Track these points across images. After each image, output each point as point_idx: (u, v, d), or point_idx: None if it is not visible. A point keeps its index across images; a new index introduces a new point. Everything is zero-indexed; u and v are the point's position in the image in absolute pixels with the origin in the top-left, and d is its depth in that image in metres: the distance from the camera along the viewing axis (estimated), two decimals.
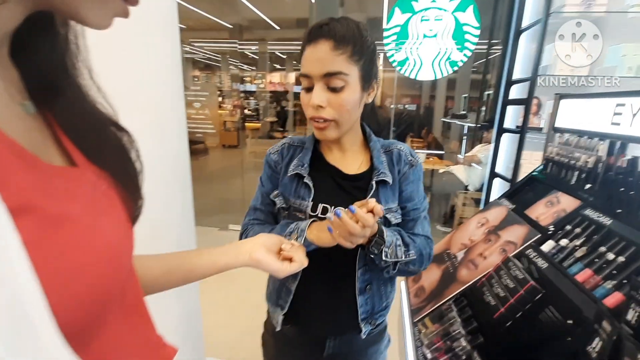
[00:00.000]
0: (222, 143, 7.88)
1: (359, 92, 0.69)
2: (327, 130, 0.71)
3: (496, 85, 3.72)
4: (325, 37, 0.64)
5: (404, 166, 0.80)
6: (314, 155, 0.79)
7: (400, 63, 2.72)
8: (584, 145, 0.88)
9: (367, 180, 0.77)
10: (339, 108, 0.68)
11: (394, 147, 0.82)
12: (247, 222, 0.82)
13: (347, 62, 0.66)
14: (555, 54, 2.11)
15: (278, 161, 0.81)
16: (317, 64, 0.65)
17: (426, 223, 0.83)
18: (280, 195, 0.79)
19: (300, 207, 0.76)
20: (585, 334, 0.54)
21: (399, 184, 0.79)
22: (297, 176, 0.77)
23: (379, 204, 0.76)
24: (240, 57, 9.13)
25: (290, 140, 0.84)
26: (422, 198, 0.82)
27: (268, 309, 0.89)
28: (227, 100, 8.68)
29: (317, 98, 0.66)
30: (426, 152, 4.00)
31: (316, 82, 0.66)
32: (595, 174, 0.80)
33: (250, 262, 0.54)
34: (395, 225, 0.80)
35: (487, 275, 0.82)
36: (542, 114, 2.28)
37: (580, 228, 0.72)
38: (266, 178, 0.83)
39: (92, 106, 0.36)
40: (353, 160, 0.80)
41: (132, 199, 0.38)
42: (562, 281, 0.66)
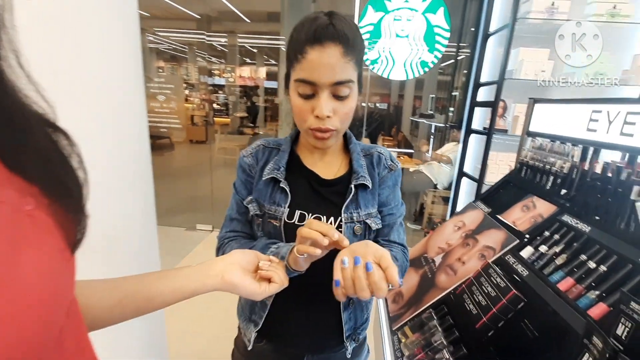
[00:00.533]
0: (189, 138, 7.57)
1: (357, 97, 0.66)
2: (329, 140, 0.66)
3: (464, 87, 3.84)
4: (334, 41, 0.58)
5: (383, 170, 0.77)
6: (290, 159, 0.74)
7: (373, 62, 2.71)
8: (557, 150, 0.89)
9: (346, 184, 0.74)
10: (344, 117, 0.64)
11: (374, 151, 0.79)
12: (224, 234, 0.76)
13: (353, 68, 0.62)
14: (521, 58, 2.19)
15: (252, 165, 0.75)
16: (327, 72, 0.58)
17: (402, 230, 0.81)
18: (254, 201, 0.73)
19: (276, 214, 0.70)
20: (574, 348, 0.53)
21: (378, 188, 0.76)
22: (273, 180, 0.71)
23: (359, 209, 0.73)
24: (209, 49, 8.79)
25: (265, 142, 0.78)
26: (398, 203, 0.79)
27: (239, 325, 0.82)
28: (195, 94, 8.34)
29: (326, 109, 0.60)
30: (397, 151, 4.05)
31: (322, 91, 0.60)
32: (570, 179, 0.81)
33: (223, 285, 0.48)
34: (375, 231, 0.77)
35: (467, 282, 0.81)
36: (508, 116, 2.36)
37: (558, 235, 0.72)
38: (240, 184, 0.76)
39: (17, 100, 0.28)
40: (331, 163, 0.76)
41: (72, 219, 0.30)
42: (544, 290, 0.65)
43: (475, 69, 2.40)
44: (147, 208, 1.27)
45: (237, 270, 0.49)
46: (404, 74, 2.69)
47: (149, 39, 8.23)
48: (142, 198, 1.21)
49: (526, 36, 2.26)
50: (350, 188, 0.72)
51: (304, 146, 0.76)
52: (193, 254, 2.87)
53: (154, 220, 1.35)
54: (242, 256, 0.52)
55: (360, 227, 0.75)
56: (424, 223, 3.63)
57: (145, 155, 1.23)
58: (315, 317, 0.72)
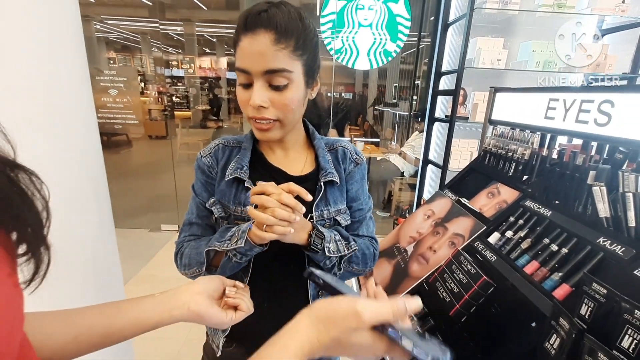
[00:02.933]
0: (147, 134, 7.15)
1: (303, 88, 0.63)
2: (270, 132, 0.63)
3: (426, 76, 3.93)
4: (265, 28, 0.55)
5: (349, 164, 0.77)
6: (253, 156, 0.71)
7: (337, 51, 2.69)
8: (518, 137, 0.93)
9: (314, 181, 0.72)
10: (283, 108, 0.61)
11: (338, 145, 0.78)
12: (182, 239, 0.72)
13: (290, 57, 0.58)
14: (479, 47, 2.26)
15: (212, 165, 0.71)
16: (257, 59, 0.56)
17: (371, 223, 0.81)
18: (217, 203, 0.70)
19: (243, 215, 0.68)
20: (542, 329, 0.55)
21: (345, 183, 0.75)
22: (237, 180, 0.68)
23: (328, 206, 0.72)
24: (164, 39, 8.30)
25: (223, 141, 0.74)
26: (366, 198, 0.79)
27: (206, 331, 0.79)
28: (152, 87, 7.87)
29: (259, 98, 0.58)
30: (364, 140, 4.09)
31: (256, 79, 0.58)
32: (531, 165, 0.84)
33: (189, 316, 0.44)
34: (345, 227, 0.77)
35: (439, 270, 0.82)
36: (468, 104, 2.45)
37: (522, 220, 0.75)
38: (200, 186, 0.72)
39: None
40: (296, 160, 0.74)
41: (27, 249, 0.26)
42: (512, 274, 0.67)
43: (436, 58, 2.46)
44: (102, 210, 1.18)
45: (204, 300, 0.45)
46: (368, 64, 2.69)
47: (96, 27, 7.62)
48: (94, 200, 1.12)
49: (483, 26, 2.34)
50: (319, 185, 0.70)
51: (265, 143, 0.74)
52: (159, 255, 2.74)
53: (111, 223, 1.26)
54: (207, 283, 0.49)
55: (329, 225, 0.74)
56: (392, 210, 3.72)
57: (95, 154, 1.14)
58: (285, 311, 0.71)
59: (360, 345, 0.35)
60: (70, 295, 1.00)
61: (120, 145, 6.37)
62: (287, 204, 0.54)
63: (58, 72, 0.93)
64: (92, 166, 1.09)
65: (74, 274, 1.02)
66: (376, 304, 0.35)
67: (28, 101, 0.83)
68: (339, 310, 0.35)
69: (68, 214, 0.98)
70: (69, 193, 0.98)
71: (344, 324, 0.34)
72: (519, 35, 2.44)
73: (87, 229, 1.08)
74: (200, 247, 0.66)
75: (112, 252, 1.27)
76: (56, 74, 0.92)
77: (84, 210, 1.06)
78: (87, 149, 1.06)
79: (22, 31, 0.80)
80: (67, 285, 0.98)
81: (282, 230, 0.55)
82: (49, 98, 0.89)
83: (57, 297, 0.94)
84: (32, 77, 0.84)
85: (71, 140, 0.98)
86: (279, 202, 0.54)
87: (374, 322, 0.34)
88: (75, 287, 1.03)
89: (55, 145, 0.92)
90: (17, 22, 0.79)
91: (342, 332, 0.34)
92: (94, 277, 1.12)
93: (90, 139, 1.09)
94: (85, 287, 1.08)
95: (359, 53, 2.67)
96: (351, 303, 0.35)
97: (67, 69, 0.97)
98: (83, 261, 1.06)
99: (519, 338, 0.60)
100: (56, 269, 0.86)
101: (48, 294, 0.91)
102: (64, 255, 0.97)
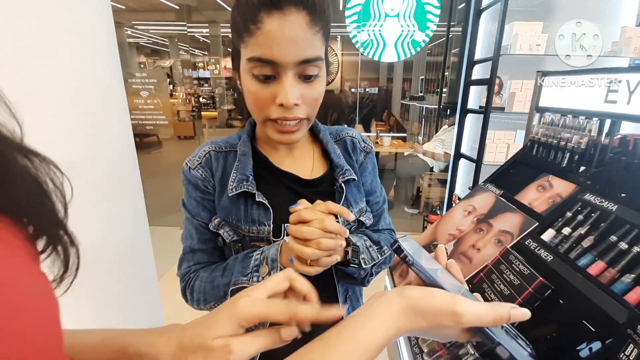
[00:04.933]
0: (176, 134, 7.40)
1: (325, 79, 0.55)
2: (296, 134, 0.54)
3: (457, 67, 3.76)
4: (297, 5, 0.46)
5: (360, 155, 0.69)
6: (254, 161, 0.61)
7: (363, 44, 2.62)
8: (571, 125, 0.84)
9: (330, 181, 0.64)
10: (314, 103, 0.53)
11: (344, 134, 0.69)
12: (186, 270, 0.62)
13: (322, 42, 0.50)
14: (515, 33, 2.13)
15: (206, 178, 0.61)
16: (289, 47, 0.46)
17: (386, 214, 0.74)
18: (224, 224, 0.60)
19: (260, 235, 0.59)
20: (614, 338, 0.49)
21: (360, 177, 0.68)
22: (244, 195, 0.58)
23: (351, 208, 0.64)
24: (191, 41, 8.53)
25: (214, 146, 0.63)
26: (380, 189, 0.73)
27: None
28: (180, 88, 8.12)
29: (292, 95, 0.48)
30: (391, 135, 4.00)
31: (285, 71, 0.48)
32: (589, 155, 0.76)
33: None
34: (367, 227, 0.70)
35: (485, 270, 0.77)
36: (504, 93, 2.31)
37: (582, 215, 0.68)
38: (196, 205, 0.62)
39: None
40: (303, 158, 0.65)
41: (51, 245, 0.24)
42: (573, 276, 0.61)
43: (468, 46, 2.34)
44: (137, 209, 1.20)
45: None
46: (395, 55, 2.61)
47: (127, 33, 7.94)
48: (131, 199, 1.14)
49: (519, 10, 2.21)
50: (337, 186, 0.63)
51: (265, 142, 0.64)
52: None
53: (145, 221, 1.28)
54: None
55: (354, 227, 0.67)
56: (422, 207, 3.61)
57: (130, 155, 1.16)
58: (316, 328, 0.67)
59: (444, 335, 0.34)
60: (108, 290, 1.02)
61: (151, 146, 6.63)
62: (332, 231, 0.47)
63: (95, 77, 0.95)
64: (127, 166, 1.12)
65: (111, 270, 1.05)
66: (479, 308, 0.33)
67: (69, 108, 0.85)
68: (435, 305, 0.32)
69: (106, 212, 1.01)
70: (107, 193, 1.01)
71: (439, 320, 0.32)
72: (560, 18, 2.27)
73: (124, 226, 1.11)
74: (216, 279, 0.57)
75: (146, 248, 1.30)
76: (93, 79, 0.94)
77: (120, 209, 1.08)
78: (122, 149, 1.09)
79: (61, 39, 0.82)
80: (105, 280, 1.01)
81: (329, 261, 0.49)
82: (87, 102, 0.91)
83: (95, 291, 0.96)
84: (70, 82, 0.86)
85: (108, 142, 1.00)
86: (323, 230, 0.46)
87: (471, 325, 0.32)
88: (113, 282, 1.05)
89: (93, 147, 0.94)
90: (57, 31, 0.81)
91: (434, 326, 0.32)
92: (130, 273, 1.15)
93: (125, 141, 1.11)
94: (122, 282, 1.10)
95: (386, 45, 2.60)
96: (451, 301, 0.33)
97: (104, 75, 0.99)
98: (120, 257, 1.09)
99: (582, 348, 0.54)
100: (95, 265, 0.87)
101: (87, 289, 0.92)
102: (102, 252, 0.99)
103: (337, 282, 0.66)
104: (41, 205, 0.22)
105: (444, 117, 3.51)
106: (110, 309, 1.03)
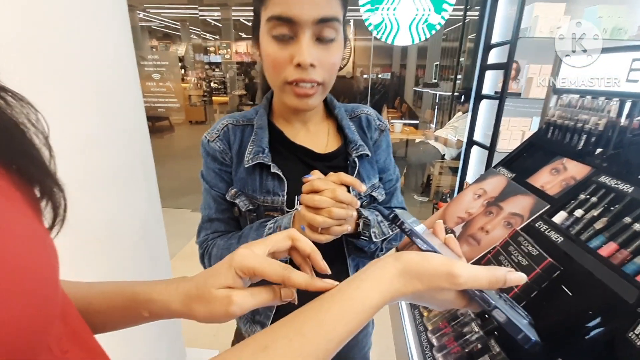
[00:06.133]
0: (188, 119, 7.46)
1: (342, 46, 0.56)
2: (312, 98, 0.55)
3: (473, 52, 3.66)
4: None
5: (374, 132, 0.70)
6: (270, 135, 0.63)
7: (376, 27, 2.56)
8: (589, 106, 0.81)
9: (344, 156, 0.66)
10: (331, 68, 0.54)
11: (360, 112, 0.70)
12: (204, 238, 0.65)
13: (339, 5, 0.51)
14: (535, 14, 2.04)
15: (224, 150, 0.63)
16: (308, 4, 0.47)
17: (399, 193, 0.76)
18: (240, 194, 0.62)
19: (274, 205, 0.61)
20: (623, 319, 0.48)
21: (374, 154, 0.69)
22: (260, 166, 0.61)
23: (363, 182, 0.65)
24: (202, 25, 8.48)
25: (232, 120, 0.65)
26: (394, 167, 0.74)
27: (237, 328, 0.78)
28: (191, 73, 8.13)
29: (309, 54, 0.49)
30: (402, 122, 3.94)
31: (303, 31, 0.49)
32: (606, 137, 0.74)
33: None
34: (379, 203, 0.72)
35: (493, 252, 0.76)
36: (521, 78, 2.24)
37: (596, 197, 0.66)
38: (213, 176, 0.64)
39: None
40: (318, 133, 0.67)
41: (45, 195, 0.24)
42: (583, 257, 0.60)
43: (485, 28, 2.26)
44: (150, 190, 1.23)
45: None
46: (410, 39, 2.55)
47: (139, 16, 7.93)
48: (144, 181, 1.17)
49: None
50: (351, 161, 0.64)
51: (281, 117, 0.65)
52: None
53: (158, 202, 1.31)
54: None
55: (367, 202, 0.69)
56: (432, 195, 3.58)
57: (143, 135, 1.18)
58: None
59: (440, 300, 0.34)
60: (123, 266, 1.05)
61: (164, 131, 6.71)
62: (343, 200, 0.48)
63: (108, 59, 0.95)
64: (140, 149, 1.14)
65: (127, 248, 1.08)
66: (475, 270, 0.33)
67: (80, 88, 0.86)
68: (431, 268, 0.32)
69: (121, 193, 1.03)
70: (122, 174, 1.03)
71: (435, 282, 0.32)
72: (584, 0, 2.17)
73: (138, 207, 1.13)
74: (232, 246, 0.60)
75: (159, 228, 1.33)
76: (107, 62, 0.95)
77: (134, 190, 1.10)
78: (135, 134, 1.10)
79: (77, 21, 0.83)
80: (121, 257, 1.04)
81: (340, 230, 0.50)
82: (101, 86, 0.92)
83: (112, 267, 0.99)
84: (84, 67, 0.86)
85: (121, 123, 1.02)
86: (334, 199, 0.48)
87: (468, 287, 0.32)
88: (128, 259, 1.08)
89: (107, 127, 0.96)
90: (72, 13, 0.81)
91: (430, 289, 0.32)
92: (144, 251, 1.18)
93: (138, 121, 1.13)
94: (137, 260, 1.14)
95: (400, 27, 2.53)
96: (447, 263, 0.32)
97: (117, 57, 0.99)
98: (134, 236, 1.12)
99: (589, 327, 0.53)
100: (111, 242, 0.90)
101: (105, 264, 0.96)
102: (118, 230, 1.02)
103: (348, 256, 0.67)
104: (30, 149, 0.21)
105: (458, 104, 3.44)
106: None
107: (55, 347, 0.23)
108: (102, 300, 0.34)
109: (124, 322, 0.35)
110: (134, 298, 0.34)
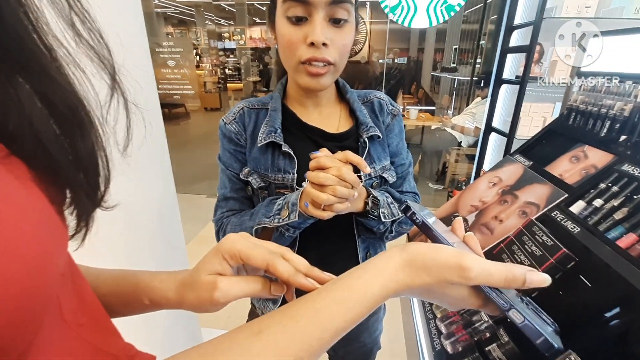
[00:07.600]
0: (203, 106, 7.52)
1: (354, 29, 0.58)
2: (324, 77, 0.57)
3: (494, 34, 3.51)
4: None
5: (387, 116, 0.71)
6: (284, 117, 0.66)
7: (392, 9, 2.48)
8: (615, 91, 0.77)
9: (355, 137, 0.68)
10: (343, 49, 0.56)
11: (372, 97, 0.72)
12: (220, 216, 0.69)
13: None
14: None
15: (239, 132, 0.67)
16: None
17: (411, 178, 0.77)
18: (253, 173, 0.66)
19: (285, 182, 0.64)
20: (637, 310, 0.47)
21: (385, 137, 0.71)
22: (272, 145, 0.64)
23: (374, 163, 0.67)
24: (216, 11, 8.44)
25: (247, 104, 0.69)
26: (406, 152, 0.75)
27: (252, 305, 0.80)
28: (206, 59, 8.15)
29: (322, 33, 0.52)
30: (418, 109, 3.85)
31: (317, 11, 0.51)
32: (632, 123, 0.70)
33: None
34: (390, 185, 0.73)
35: (506, 241, 0.74)
36: (544, 62, 2.14)
37: (617, 186, 0.64)
38: (229, 156, 0.68)
39: None
40: (331, 116, 0.69)
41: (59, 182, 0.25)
42: (600, 248, 0.58)
43: (508, 8, 2.15)
44: (165, 176, 1.25)
45: None
46: (427, 21, 2.46)
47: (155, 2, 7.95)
48: (159, 167, 1.19)
49: None
50: (361, 141, 0.66)
51: (294, 100, 0.68)
52: None
53: (173, 188, 1.34)
54: None
55: (377, 183, 0.70)
56: (447, 183, 3.52)
57: (157, 121, 1.19)
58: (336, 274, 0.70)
59: (452, 297, 0.32)
60: (140, 252, 1.09)
61: (179, 117, 6.80)
62: (348, 180, 0.50)
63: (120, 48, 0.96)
64: (155, 136, 1.16)
65: (143, 233, 1.11)
66: (488, 264, 0.30)
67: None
68: (440, 260, 0.30)
69: (136, 179, 1.06)
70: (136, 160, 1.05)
71: (444, 275, 0.30)
72: None
73: (153, 193, 1.16)
74: (244, 222, 0.64)
75: (174, 214, 1.36)
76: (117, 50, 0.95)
77: (150, 176, 1.13)
78: (149, 115, 1.12)
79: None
80: (137, 243, 1.08)
81: (342, 208, 0.52)
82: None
83: (129, 252, 1.03)
84: None
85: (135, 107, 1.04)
86: (338, 177, 0.49)
87: (480, 283, 0.30)
88: (144, 245, 1.12)
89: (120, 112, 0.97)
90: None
91: (438, 282, 0.30)
92: (160, 236, 1.21)
93: (152, 106, 1.14)
94: (153, 245, 1.17)
95: (417, 9, 2.45)
96: (457, 255, 0.30)
97: (129, 42, 0.99)
98: (150, 222, 1.15)
99: (603, 320, 0.52)
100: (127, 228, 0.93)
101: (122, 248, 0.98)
102: (135, 216, 1.05)
103: (358, 237, 0.68)
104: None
105: (477, 89, 3.33)
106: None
107: (72, 320, 0.24)
108: (109, 285, 0.36)
109: (127, 308, 0.37)
110: (137, 284, 0.35)
